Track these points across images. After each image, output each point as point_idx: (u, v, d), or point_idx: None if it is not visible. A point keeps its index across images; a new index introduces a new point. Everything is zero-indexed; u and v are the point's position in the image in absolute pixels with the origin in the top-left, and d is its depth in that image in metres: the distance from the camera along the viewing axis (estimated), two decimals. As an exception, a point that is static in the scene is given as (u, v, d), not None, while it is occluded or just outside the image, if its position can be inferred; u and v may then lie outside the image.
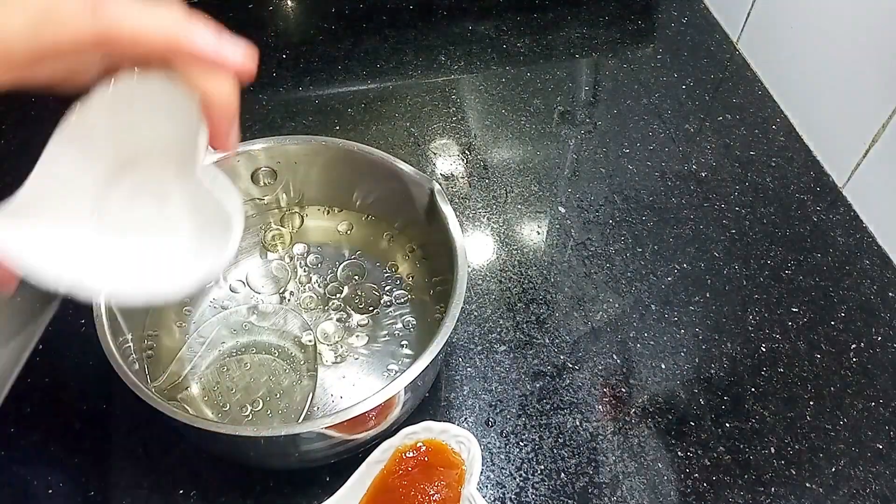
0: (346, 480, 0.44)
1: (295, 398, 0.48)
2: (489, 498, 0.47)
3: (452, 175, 0.66)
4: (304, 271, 0.55)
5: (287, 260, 0.56)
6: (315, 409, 0.49)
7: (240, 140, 0.34)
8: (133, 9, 0.29)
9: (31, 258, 0.31)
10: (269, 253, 0.56)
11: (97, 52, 0.30)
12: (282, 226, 0.57)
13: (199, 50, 0.30)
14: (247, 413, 0.48)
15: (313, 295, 0.54)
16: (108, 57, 0.32)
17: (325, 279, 0.55)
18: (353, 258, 0.56)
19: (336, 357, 0.51)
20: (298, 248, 0.56)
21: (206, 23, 0.30)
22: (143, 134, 0.34)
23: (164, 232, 0.35)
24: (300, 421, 0.47)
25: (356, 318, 0.53)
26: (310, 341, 0.51)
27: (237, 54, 0.31)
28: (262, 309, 0.53)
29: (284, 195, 0.56)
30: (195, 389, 0.49)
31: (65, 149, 0.33)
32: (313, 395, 0.48)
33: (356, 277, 0.55)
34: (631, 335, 0.56)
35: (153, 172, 0.34)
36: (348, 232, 0.57)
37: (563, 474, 0.48)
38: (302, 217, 0.57)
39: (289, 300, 0.54)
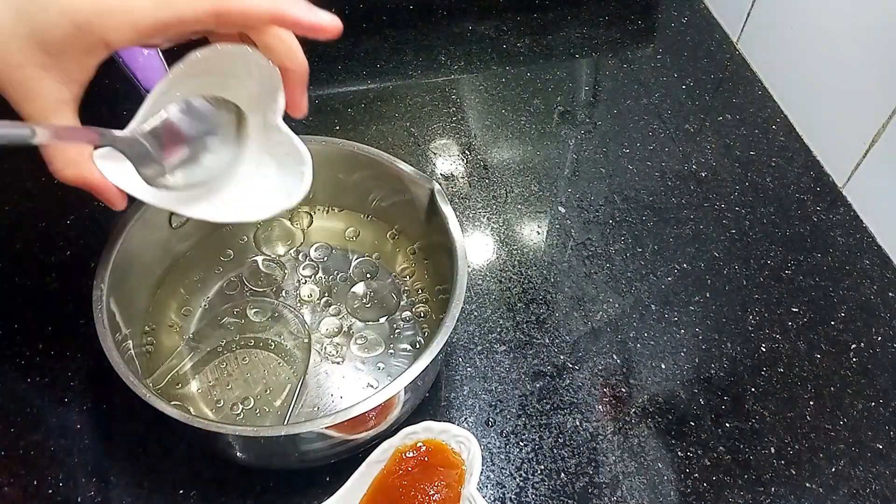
0: (346, 480, 0.44)
1: (288, 396, 0.49)
2: (489, 498, 0.47)
3: (452, 175, 0.66)
4: (305, 270, 0.55)
5: (288, 258, 0.56)
6: (314, 408, 0.49)
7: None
8: None
9: (131, 184, 0.38)
10: (271, 250, 0.56)
11: (208, 24, 0.35)
12: (292, 224, 0.57)
13: (299, 18, 0.35)
14: (238, 412, 0.48)
15: (313, 293, 0.54)
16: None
17: (326, 278, 0.55)
18: (353, 257, 0.56)
19: (336, 356, 0.51)
20: (299, 247, 0.56)
21: None
22: (229, 92, 0.40)
23: (245, 167, 0.42)
24: (286, 420, 0.47)
25: (356, 317, 0.53)
26: (305, 340, 0.51)
27: (328, 20, 0.36)
28: (261, 305, 0.53)
29: (322, 193, 0.57)
30: (193, 386, 0.49)
31: (164, 100, 0.38)
32: (298, 394, 0.49)
33: (357, 277, 0.55)
34: (631, 335, 0.56)
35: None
36: (348, 232, 0.57)
37: (563, 474, 0.48)
38: (311, 216, 0.57)
39: (288, 298, 0.54)
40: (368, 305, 0.54)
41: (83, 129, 0.35)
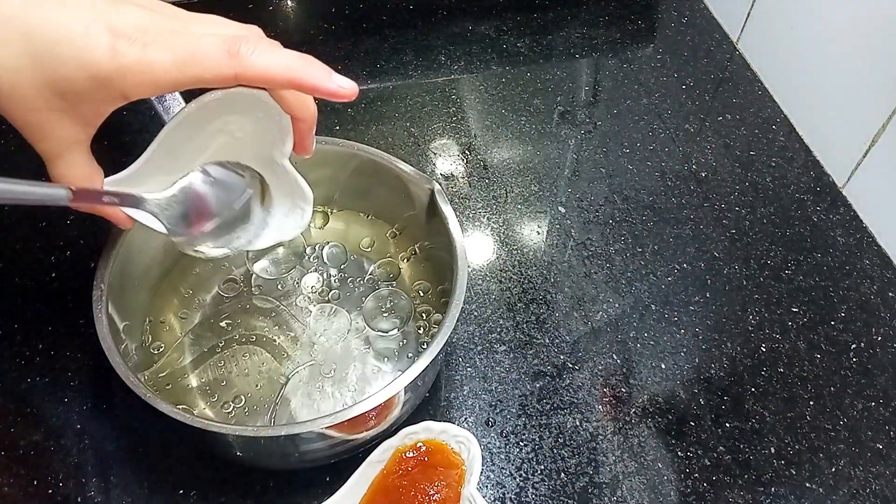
0: (346, 480, 0.44)
1: (276, 395, 0.49)
2: (489, 498, 0.47)
3: (452, 175, 0.66)
4: (305, 269, 0.55)
5: (289, 258, 0.56)
6: (314, 408, 0.49)
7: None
8: (262, 52, 0.34)
9: (139, 214, 0.40)
10: (271, 250, 0.56)
11: (227, 85, 0.35)
12: (310, 224, 0.57)
13: (317, 85, 0.35)
14: (230, 409, 0.48)
15: (312, 293, 0.54)
16: None
17: (325, 277, 0.55)
18: (353, 257, 0.56)
19: (337, 356, 0.51)
20: (299, 247, 0.56)
21: (317, 61, 0.36)
22: (240, 131, 0.42)
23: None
24: (272, 420, 0.47)
25: (355, 317, 0.53)
26: (302, 340, 0.51)
27: (346, 86, 0.36)
28: (261, 304, 0.53)
29: (322, 193, 0.56)
30: (192, 383, 0.49)
31: (175, 136, 0.39)
32: (282, 392, 0.49)
33: (355, 275, 0.55)
34: (631, 335, 0.56)
35: (244, 158, 0.43)
36: (347, 232, 0.57)
37: (563, 474, 0.48)
38: (328, 215, 0.57)
39: (288, 297, 0.54)
40: (366, 302, 0.54)
41: (110, 193, 0.37)
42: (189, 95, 0.39)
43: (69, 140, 0.35)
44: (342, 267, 0.56)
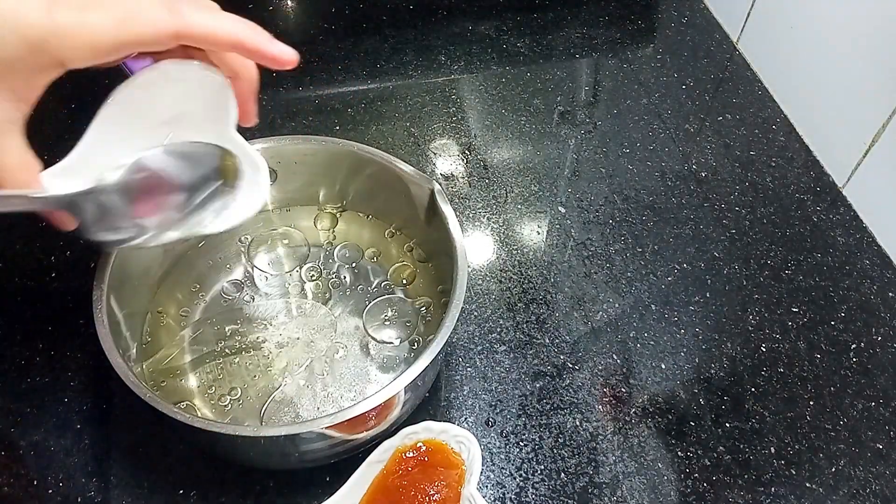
0: (346, 480, 0.44)
1: (270, 393, 0.49)
2: (489, 498, 0.47)
3: (452, 175, 0.66)
4: (307, 270, 0.55)
5: (289, 258, 0.56)
6: (315, 409, 0.49)
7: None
8: (204, 11, 0.34)
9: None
10: (271, 251, 0.56)
11: (168, 45, 0.34)
12: (315, 225, 0.57)
13: (259, 48, 0.36)
14: (226, 403, 0.48)
15: (313, 294, 0.54)
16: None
17: (328, 277, 0.55)
18: (352, 257, 0.56)
19: (337, 356, 0.51)
20: (302, 246, 0.56)
21: (258, 27, 0.36)
22: (179, 106, 0.40)
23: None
24: (262, 415, 0.48)
25: (357, 319, 0.53)
26: (299, 338, 0.51)
27: (288, 53, 0.37)
28: (262, 305, 0.53)
29: (323, 193, 0.57)
30: (192, 382, 0.49)
31: (113, 117, 0.38)
32: (282, 392, 0.49)
33: (359, 277, 0.55)
34: (631, 335, 0.56)
35: (189, 134, 0.41)
36: (349, 232, 0.57)
37: (563, 474, 0.48)
38: (336, 217, 0.58)
39: (289, 298, 0.54)
40: (364, 302, 0.54)
41: (13, 195, 0.34)
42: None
43: (1, 119, 0.32)
44: (346, 268, 0.56)
